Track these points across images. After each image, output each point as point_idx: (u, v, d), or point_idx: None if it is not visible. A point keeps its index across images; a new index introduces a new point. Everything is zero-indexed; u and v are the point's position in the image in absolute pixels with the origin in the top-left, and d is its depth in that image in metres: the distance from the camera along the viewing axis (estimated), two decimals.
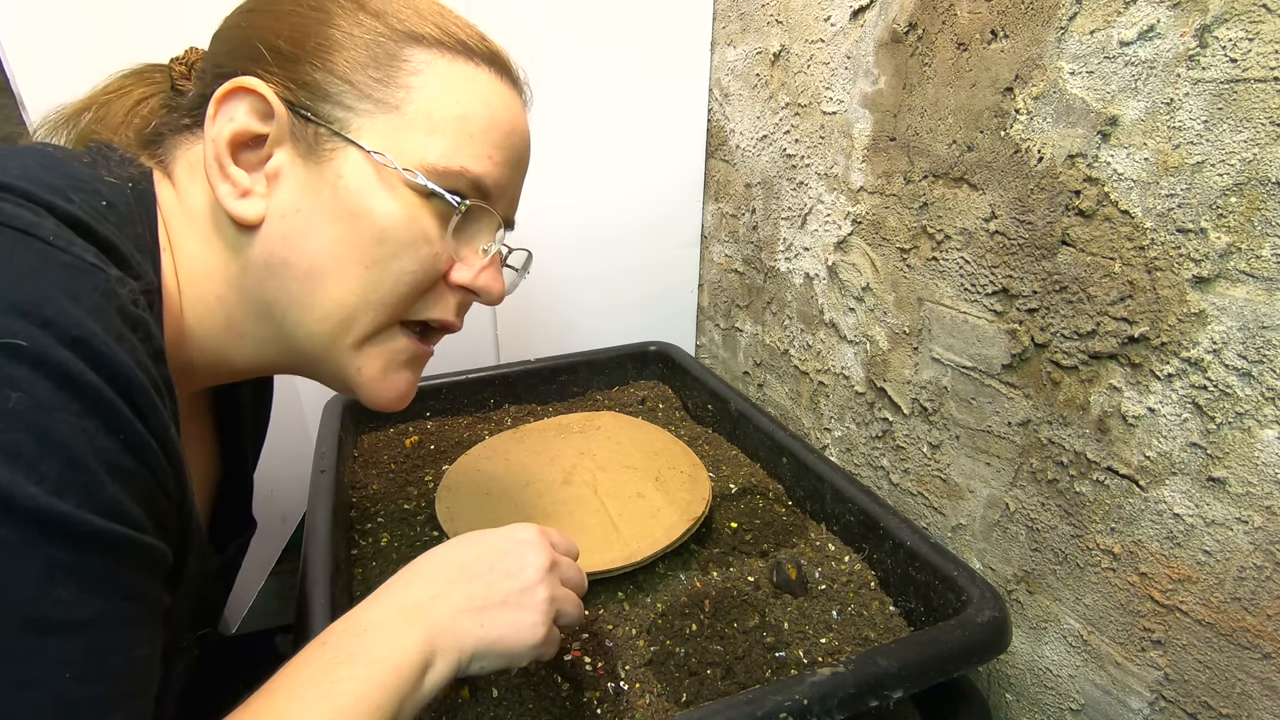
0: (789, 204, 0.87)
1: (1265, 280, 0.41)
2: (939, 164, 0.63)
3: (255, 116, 0.39)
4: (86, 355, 0.28)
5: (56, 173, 0.34)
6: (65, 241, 0.30)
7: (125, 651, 0.28)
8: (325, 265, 0.40)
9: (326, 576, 0.53)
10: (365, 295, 0.40)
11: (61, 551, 0.26)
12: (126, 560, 0.28)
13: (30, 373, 0.26)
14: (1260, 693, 0.44)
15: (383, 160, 0.39)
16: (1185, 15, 0.43)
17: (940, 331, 0.66)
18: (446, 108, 0.41)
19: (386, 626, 0.37)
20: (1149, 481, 0.49)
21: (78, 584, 0.26)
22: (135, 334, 0.31)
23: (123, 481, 0.28)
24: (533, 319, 1.04)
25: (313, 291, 0.40)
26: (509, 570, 0.42)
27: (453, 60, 0.42)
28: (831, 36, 0.75)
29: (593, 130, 0.96)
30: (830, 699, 0.42)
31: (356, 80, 0.40)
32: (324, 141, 0.39)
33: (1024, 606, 0.61)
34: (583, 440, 0.78)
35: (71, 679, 0.26)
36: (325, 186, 0.39)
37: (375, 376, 0.43)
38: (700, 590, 0.59)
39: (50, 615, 0.25)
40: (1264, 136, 0.40)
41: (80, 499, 0.26)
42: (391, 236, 0.40)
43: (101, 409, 0.28)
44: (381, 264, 0.40)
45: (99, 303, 0.29)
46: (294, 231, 0.39)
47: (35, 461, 0.26)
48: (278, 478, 0.92)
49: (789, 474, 0.73)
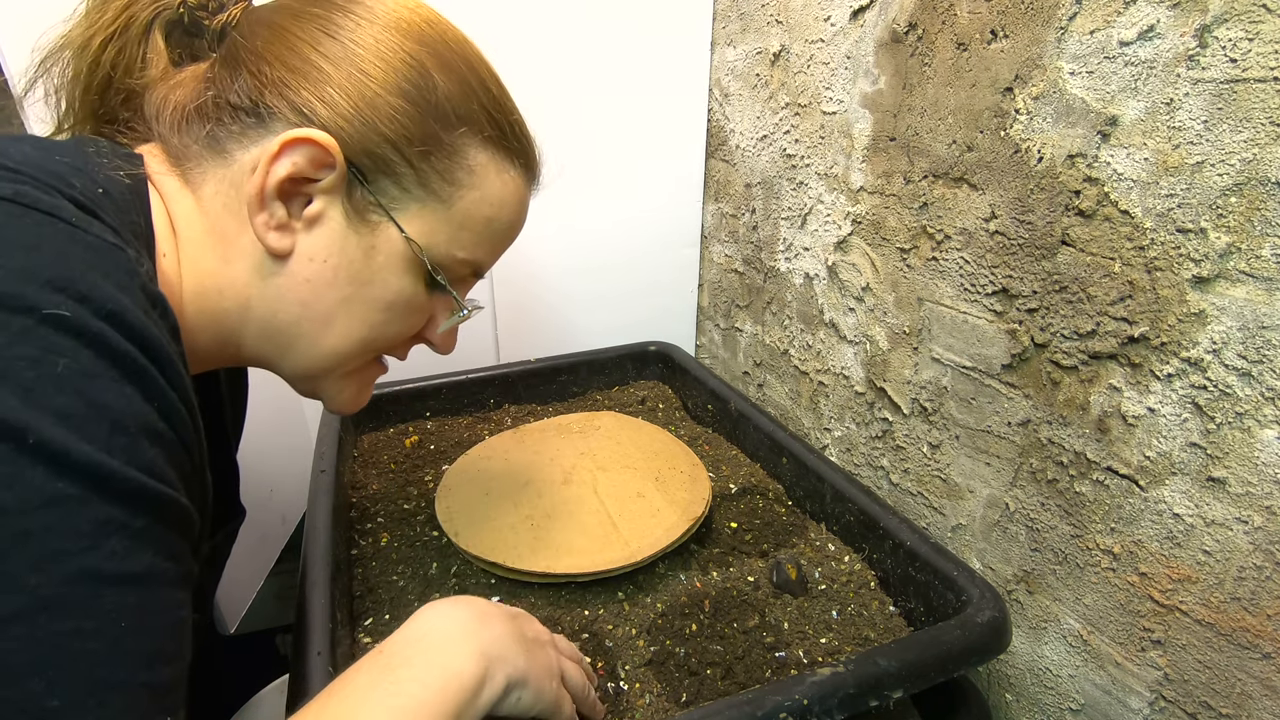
0: (789, 204, 0.87)
1: (1265, 280, 0.41)
2: (939, 164, 0.63)
3: (313, 165, 0.39)
4: (121, 327, 0.29)
5: (54, 160, 0.34)
6: (86, 223, 0.31)
7: (171, 611, 0.29)
8: (337, 316, 0.43)
9: (326, 576, 0.53)
10: (363, 345, 0.45)
11: (114, 507, 0.27)
12: (168, 519, 0.29)
13: (74, 341, 0.27)
14: (1260, 693, 0.44)
15: (416, 250, 0.43)
16: (1185, 15, 0.43)
17: (940, 331, 0.66)
18: (483, 210, 0.45)
19: (442, 635, 0.38)
20: (1149, 481, 0.49)
21: (130, 538, 0.27)
22: (155, 310, 0.32)
23: (159, 445, 0.30)
24: (533, 319, 1.04)
25: (320, 334, 0.43)
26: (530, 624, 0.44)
27: (500, 169, 0.45)
28: (831, 36, 0.75)
29: (593, 130, 0.96)
30: (830, 699, 0.42)
31: (418, 166, 0.41)
32: (371, 211, 0.41)
33: (1024, 606, 0.61)
34: (583, 440, 0.78)
35: (125, 629, 0.26)
36: (358, 251, 0.41)
37: (350, 397, 0.49)
38: (700, 590, 0.59)
39: (105, 566, 0.26)
40: (1264, 136, 0.40)
41: (127, 457, 0.28)
42: (398, 308, 0.44)
43: (138, 376, 0.29)
44: (380, 327, 0.44)
45: (125, 280, 0.30)
46: (318, 278, 0.41)
47: (85, 422, 0.27)
48: (278, 478, 0.92)
49: (789, 474, 0.73)
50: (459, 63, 0.43)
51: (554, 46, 0.90)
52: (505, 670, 0.38)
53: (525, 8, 0.87)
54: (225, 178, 0.40)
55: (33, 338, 0.26)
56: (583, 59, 0.92)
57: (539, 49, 0.89)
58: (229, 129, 0.40)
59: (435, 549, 0.64)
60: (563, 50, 0.90)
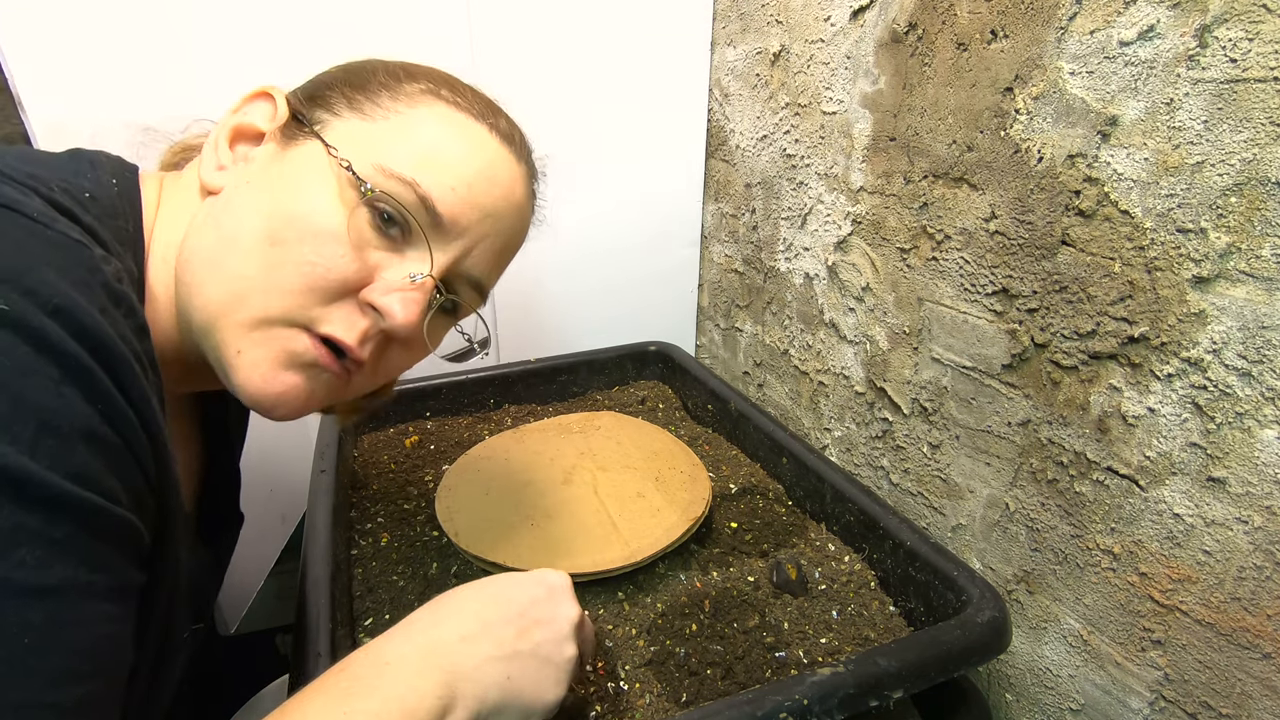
0: (789, 204, 0.87)
1: (1265, 280, 0.41)
2: (939, 164, 0.63)
3: (264, 117, 0.43)
4: (68, 324, 0.28)
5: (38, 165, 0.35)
6: (49, 219, 0.31)
7: (87, 626, 0.27)
8: (238, 233, 0.38)
9: (326, 576, 0.53)
10: (262, 273, 0.38)
11: (29, 514, 0.25)
12: (96, 530, 0.28)
13: (10, 336, 0.26)
14: (1260, 693, 0.44)
15: (331, 151, 0.40)
16: (1185, 15, 0.43)
17: (940, 331, 0.66)
18: (426, 131, 0.41)
19: (408, 664, 0.36)
20: (1149, 481, 0.49)
21: (43, 548, 0.26)
22: (119, 308, 0.31)
23: (98, 450, 0.28)
24: (533, 319, 1.04)
25: (219, 257, 0.38)
26: (541, 618, 0.41)
27: (456, 110, 0.43)
28: (831, 36, 0.75)
29: (593, 130, 0.96)
30: (830, 699, 0.42)
31: (353, 96, 0.42)
32: (298, 135, 0.41)
33: (1024, 606, 0.61)
34: (583, 440, 0.78)
35: (29, 646, 0.25)
36: (275, 164, 0.41)
37: (259, 365, 0.39)
38: (700, 590, 0.59)
39: (11, 578, 0.25)
40: (1264, 136, 0.40)
41: (52, 462, 0.26)
42: (303, 220, 0.38)
43: (81, 377, 0.28)
44: (285, 245, 0.38)
45: (82, 276, 0.30)
46: (234, 199, 0.40)
47: (9, 423, 0.25)
48: (278, 478, 0.92)
49: (789, 474, 0.73)
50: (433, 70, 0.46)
51: (554, 47, 0.90)
52: (478, 696, 0.37)
53: (526, 8, 0.87)
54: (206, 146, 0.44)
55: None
56: (583, 59, 0.92)
57: (539, 49, 0.89)
58: None
59: (435, 549, 0.64)
60: (563, 50, 0.90)
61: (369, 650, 0.37)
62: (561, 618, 0.42)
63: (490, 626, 0.39)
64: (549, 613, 0.42)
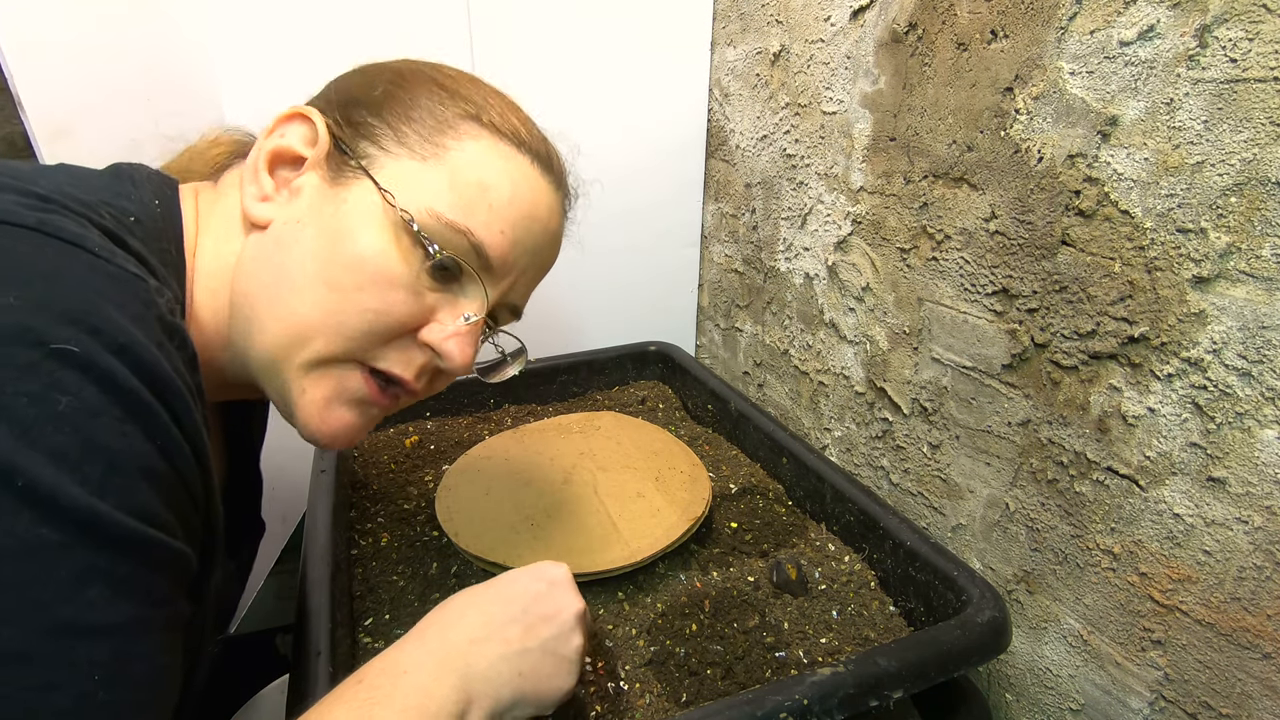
0: (789, 204, 0.87)
1: (1265, 280, 0.41)
2: (939, 164, 0.63)
3: (302, 141, 0.42)
4: (130, 362, 0.28)
5: (85, 189, 0.35)
6: (109, 253, 0.31)
7: (149, 659, 0.28)
8: (296, 276, 0.40)
9: (326, 576, 0.53)
10: (323, 318, 0.40)
11: (98, 555, 0.26)
12: (156, 565, 0.29)
13: (80, 378, 0.27)
14: (1260, 693, 0.44)
15: (387, 197, 0.40)
16: (1185, 15, 0.43)
17: (940, 331, 0.66)
18: (474, 173, 0.42)
19: (424, 670, 0.37)
20: (1149, 481, 0.49)
21: (110, 587, 0.27)
22: (172, 341, 0.32)
23: (156, 486, 0.29)
24: (533, 319, 1.04)
25: (278, 298, 0.40)
26: (545, 613, 0.42)
27: (498, 141, 0.43)
28: (831, 36, 0.75)
29: (593, 130, 0.96)
30: (830, 699, 0.42)
31: (399, 128, 0.42)
32: (347, 171, 0.41)
33: (1024, 606, 0.61)
34: (583, 440, 0.78)
35: (97, 683, 0.26)
36: (329, 205, 0.41)
37: (317, 403, 0.41)
38: (700, 590, 0.59)
39: (81, 618, 0.26)
40: (1264, 136, 0.40)
41: (119, 502, 0.27)
42: (362, 267, 0.40)
43: (142, 414, 0.29)
44: (344, 291, 0.39)
45: (141, 311, 0.30)
46: (287, 237, 0.41)
47: (79, 464, 0.26)
48: (278, 478, 0.92)
49: (789, 474, 0.73)
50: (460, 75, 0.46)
51: (554, 46, 0.90)
52: (493, 695, 0.38)
53: (526, 8, 0.87)
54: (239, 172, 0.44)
55: (38, 373, 0.26)
56: (583, 59, 0.92)
57: (539, 49, 0.89)
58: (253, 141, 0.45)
59: (435, 549, 0.64)
60: (563, 50, 0.90)
61: (383, 660, 0.38)
62: (565, 610, 0.43)
63: (497, 627, 0.40)
64: (552, 607, 0.42)
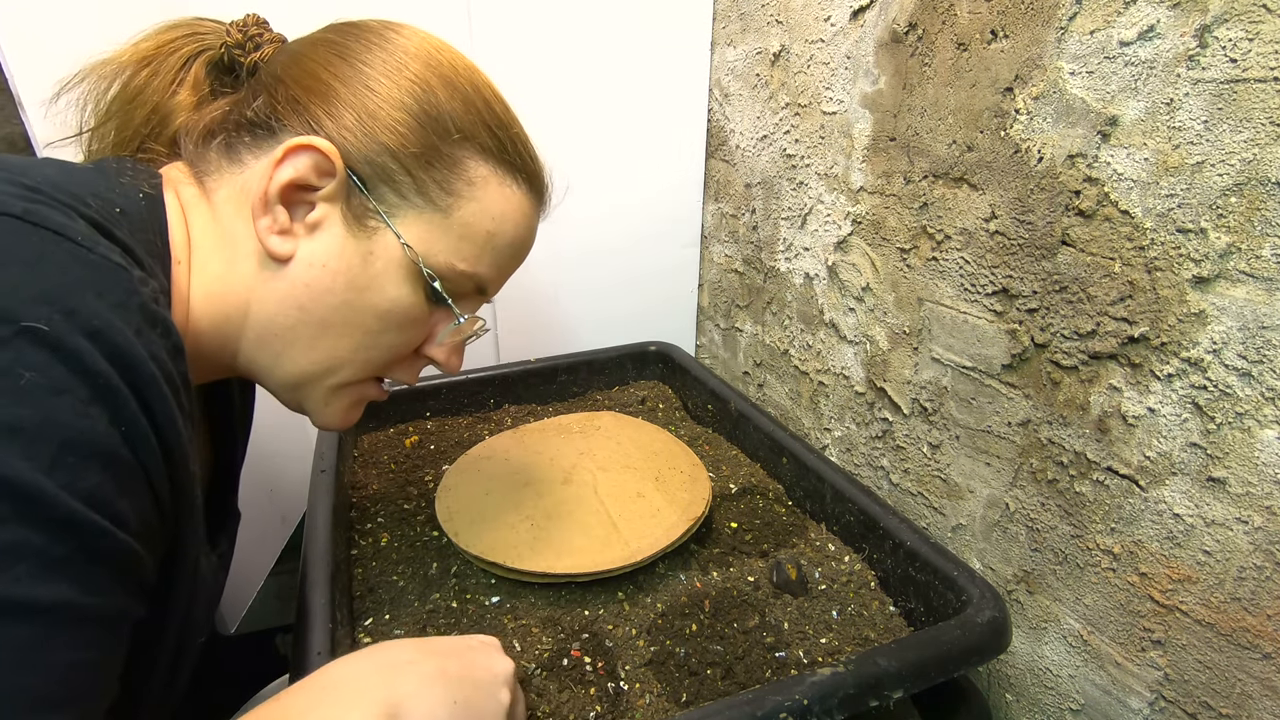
0: (789, 204, 0.87)
1: (1265, 280, 0.41)
2: (939, 164, 0.63)
3: (316, 172, 0.41)
4: (103, 345, 0.28)
5: (73, 180, 0.35)
6: (93, 242, 0.31)
7: (74, 650, 0.27)
8: (332, 322, 0.43)
9: (326, 576, 0.53)
10: (354, 354, 0.45)
11: (32, 531, 0.26)
12: (97, 553, 0.28)
13: (48, 356, 0.27)
14: (1260, 693, 0.44)
15: (412, 255, 0.43)
16: (1185, 15, 0.43)
17: (940, 331, 0.66)
18: (484, 223, 0.45)
19: (349, 686, 0.36)
20: (1149, 481, 0.49)
21: (43, 567, 0.26)
22: (155, 330, 0.32)
23: (114, 474, 0.28)
24: (533, 319, 1.04)
25: (315, 340, 0.43)
26: (478, 662, 0.42)
27: (502, 183, 0.46)
28: (831, 36, 0.75)
29: (593, 130, 0.96)
30: (830, 699, 0.42)
31: (417, 175, 0.42)
32: (369, 217, 0.42)
33: (1024, 606, 0.61)
34: (583, 440, 0.78)
35: (8, 664, 0.25)
36: (356, 256, 0.42)
37: (339, 412, 0.48)
38: (700, 590, 0.59)
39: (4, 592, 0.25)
40: (1264, 136, 0.40)
41: (67, 482, 0.26)
42: (393, 317, 0.44)
43: (109, 398, 0.28)
44: (375, 335, 0.44)
45: (122, 299, 0.30)
46: (317, 283, 0.42)
47: (32, 439, 0.26)
48: (278, 478, 0.92)
49: (789, 474, 0.73)
50: (464, 83, 0.44)
51: (554, 47, 0.90)
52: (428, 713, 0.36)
53: (526, 8, 0.87)
54: (237, 183, 0.42)
55: (5, 347, 0.26)
56: (583, 59, 0.92)
57: (539, 49, 0.89)
58: (244, 140, 0.43)
59: (435, 549, 0.64)
60: (563, 50, 0.90)
61: (304, 683, 0.37)
62: (497, 665, 0.43)
63: (434, 655, 0.40)
64: (485, 659, 0.43)
